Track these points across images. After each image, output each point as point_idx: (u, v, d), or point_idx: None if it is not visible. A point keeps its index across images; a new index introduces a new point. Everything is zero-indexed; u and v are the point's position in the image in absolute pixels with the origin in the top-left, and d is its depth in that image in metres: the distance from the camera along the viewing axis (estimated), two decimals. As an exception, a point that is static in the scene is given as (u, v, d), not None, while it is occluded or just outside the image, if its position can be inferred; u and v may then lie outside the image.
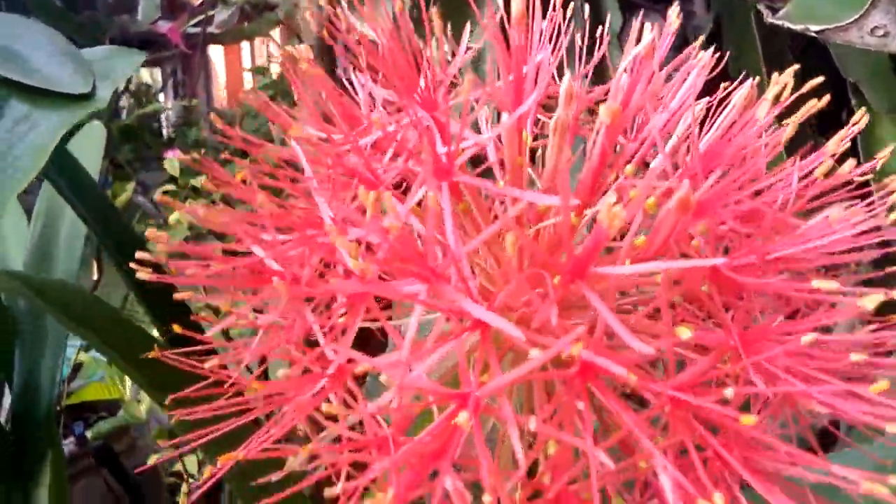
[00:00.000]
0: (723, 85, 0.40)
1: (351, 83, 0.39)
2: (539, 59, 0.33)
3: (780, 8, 0.69)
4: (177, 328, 0.34)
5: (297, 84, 0.37)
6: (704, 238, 0.31)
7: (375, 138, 0.32)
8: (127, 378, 1.70)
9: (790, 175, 0.35)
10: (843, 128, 0.35)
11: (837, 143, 0.32)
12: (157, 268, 0.35)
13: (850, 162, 0.32)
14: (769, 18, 0.68)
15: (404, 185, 0.36)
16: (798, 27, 0.67)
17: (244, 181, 0.36)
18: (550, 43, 0.35)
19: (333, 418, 0.34)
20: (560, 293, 0.28)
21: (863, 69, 0.88)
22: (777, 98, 0.32)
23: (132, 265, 0.34)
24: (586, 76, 0.39)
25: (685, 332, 0.31)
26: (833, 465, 0.28)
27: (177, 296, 0.34)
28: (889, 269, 0.36)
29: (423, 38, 0.34)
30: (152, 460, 1.55)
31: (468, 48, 0.35)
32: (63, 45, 0.42)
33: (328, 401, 0.32)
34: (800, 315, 0.32)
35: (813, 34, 0.66)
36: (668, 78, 0.37)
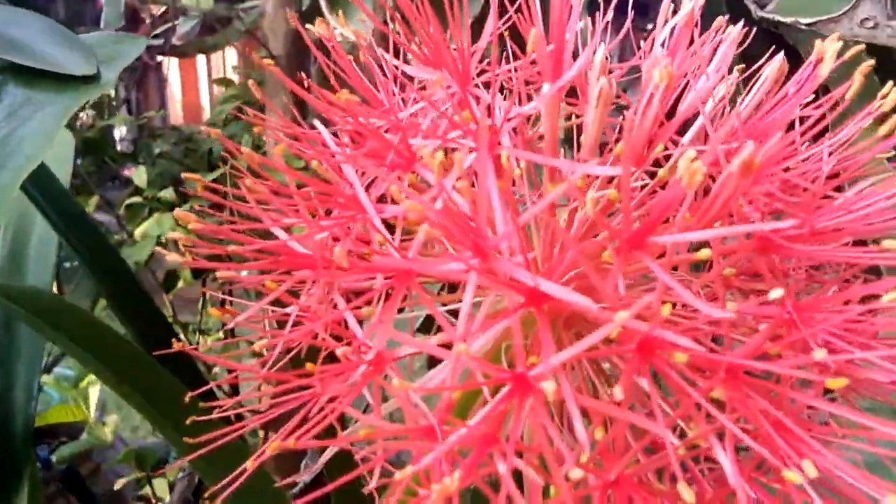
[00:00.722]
0: (737, 67, 0.39)
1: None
2: (579, 27, 0.32)
3: (768, 2, 0.70)
4: (177, 345, 0.32)
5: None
6: (753, 208, 0.30)
7: (414, 111, 0.31)
8: (91, 399, 1.63)
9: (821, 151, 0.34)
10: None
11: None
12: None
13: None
14: (758, 13, 0.69)
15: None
16: (788, 20, 0.67)
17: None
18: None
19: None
20: (620, 264, 0.26)
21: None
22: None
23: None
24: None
25: (732, 306, 0.30)
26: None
27: (221, 274, 0.31)
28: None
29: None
30: (119, 484, 1.49)
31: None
32: (64, 32, 0.40)
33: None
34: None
35: (803, 27, 0.67)
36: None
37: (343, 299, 0.32)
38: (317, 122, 0.34)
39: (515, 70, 0.32)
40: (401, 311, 0.31)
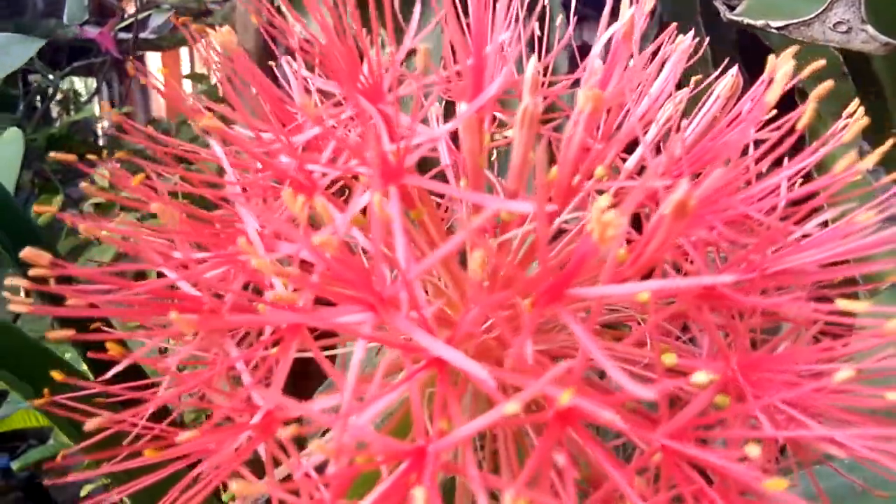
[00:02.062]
0: (694, 78, 0.36)
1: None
2: (503, 40, 0.28)
3: (736, 4, 0.66)
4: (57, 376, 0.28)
5: (227, 85, 0.32)
6: (695, 249, 0.27)
7: (311, 135, 0.27)
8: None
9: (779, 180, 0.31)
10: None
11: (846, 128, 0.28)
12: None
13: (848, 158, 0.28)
14: (727, 15, 0.65)
15: (347, 191, 0.31)
16: (758, 23, 0.64)
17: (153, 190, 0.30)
18: (510, 28, 0.30)
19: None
20: (534, 320, 0.23)
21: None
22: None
23: (7, 294, 0.27)
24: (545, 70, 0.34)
25: (670, 358, 0.26)
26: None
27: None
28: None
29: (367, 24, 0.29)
30: (85, 491, 1.45)
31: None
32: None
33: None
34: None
35: (773, 30, 0.63)
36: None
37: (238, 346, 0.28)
38: (215, 146, 0.30)
39: (430, 85, 0.28)
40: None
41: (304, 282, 0.24)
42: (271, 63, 0.35)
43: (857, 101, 0.32)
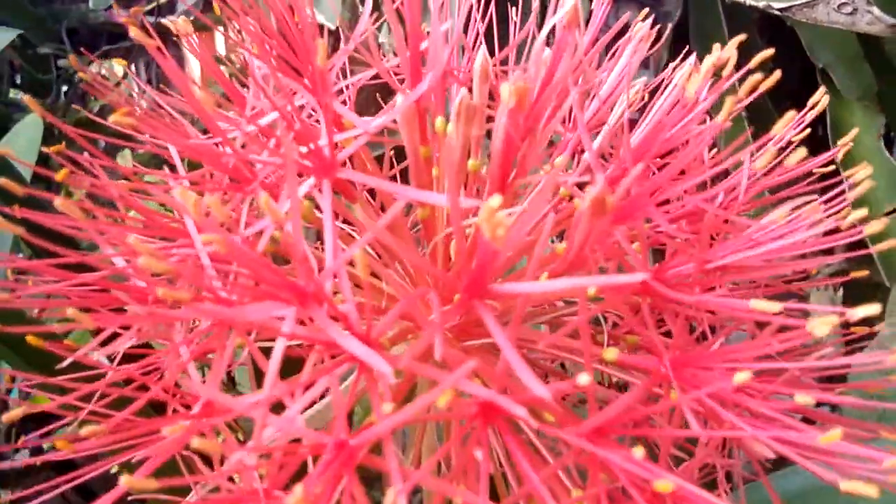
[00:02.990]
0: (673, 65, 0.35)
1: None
2: (444, 29, 0.27)
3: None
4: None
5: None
6: (637, 244, 0.26)
7: (257, 128, 0.27)
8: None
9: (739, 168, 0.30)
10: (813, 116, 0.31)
11: (785, 125, 0.27)
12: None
13: (801, 152, 0.27)
14: (731, -5, 0.63)
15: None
16: (760, 4, 0.62)
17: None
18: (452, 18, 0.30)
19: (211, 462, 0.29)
20: (457, 315, 0.23)
21: (832, 54, 0.84)
22: (718, 73, 0.27)
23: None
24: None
25: (611, 353, 0.26)
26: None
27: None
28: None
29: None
30: (116, 467, 1.49)
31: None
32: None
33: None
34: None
35: (776, 12, 0.61)
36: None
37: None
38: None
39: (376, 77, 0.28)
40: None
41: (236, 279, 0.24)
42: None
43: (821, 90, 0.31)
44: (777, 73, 0.26)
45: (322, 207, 0.25)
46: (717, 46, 0.28)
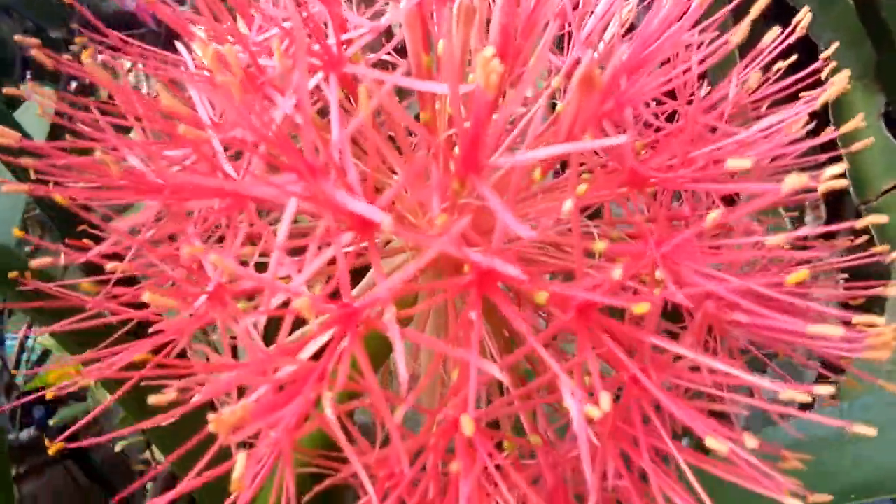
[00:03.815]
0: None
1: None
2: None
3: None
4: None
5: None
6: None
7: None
8: (93, 361, 1.64)
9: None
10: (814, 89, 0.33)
11: (773, 38, 0.29)
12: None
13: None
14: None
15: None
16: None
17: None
18: None
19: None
20: (449, 183, 0.24)
21: (833, 33, 0.85)
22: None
23: None
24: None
25: (600, 245, 0.27)
26: (763, 381, 0.25)
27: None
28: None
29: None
30: (119, 447, 1.49)
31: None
32: None
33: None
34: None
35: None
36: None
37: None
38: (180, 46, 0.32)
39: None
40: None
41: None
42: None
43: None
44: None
45: (329, 99, 0.27)
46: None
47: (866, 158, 0.95)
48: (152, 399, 0.27)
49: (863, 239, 0.37)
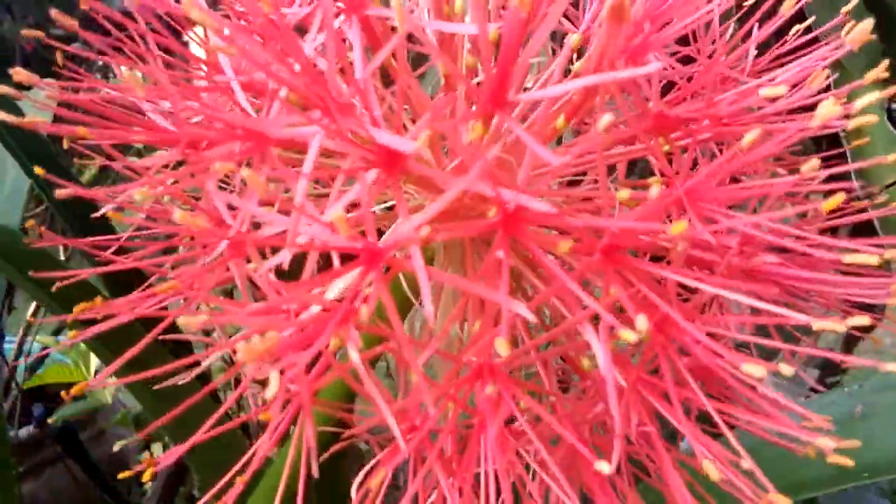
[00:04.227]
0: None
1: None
2: None
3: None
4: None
5: None
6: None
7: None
8: (91, 360, 1.63)
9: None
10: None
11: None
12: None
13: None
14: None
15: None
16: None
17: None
18: None
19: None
20: (479, 117, 0.24)
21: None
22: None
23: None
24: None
25: (624, 193, 0.27)
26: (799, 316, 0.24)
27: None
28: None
29: None
30: (118, 446, 1.48)
31: None
32: None
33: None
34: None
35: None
36: None
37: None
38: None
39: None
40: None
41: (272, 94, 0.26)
42: None
43: None
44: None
45: (351, 40, 0.27)
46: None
47: (870, 151, 0.95)
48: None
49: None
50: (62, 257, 1.12)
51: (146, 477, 0.31)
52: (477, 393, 0.27)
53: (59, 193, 0.33)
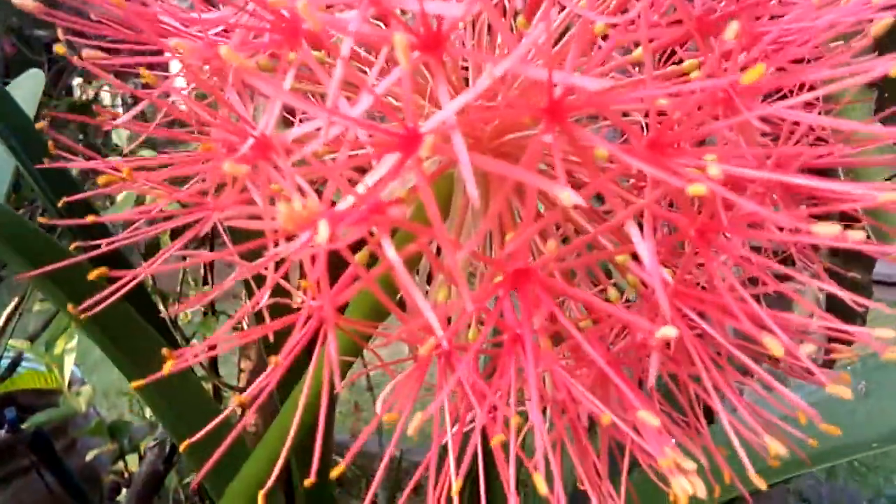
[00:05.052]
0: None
1: None
2: None
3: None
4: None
5: None
6: None
7: None
8: (66, 367, 1.58)
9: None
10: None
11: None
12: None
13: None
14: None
15: None
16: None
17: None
18: None
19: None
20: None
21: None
22: None
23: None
24: None
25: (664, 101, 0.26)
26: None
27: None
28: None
29: None
30: (90, 455, 1.43)
31: None
32: None
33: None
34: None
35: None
36: None
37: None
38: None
39: None
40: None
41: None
42: None
43: None
44: None
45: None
46: None
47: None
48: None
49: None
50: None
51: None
52: (517, 300, 0.25)
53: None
